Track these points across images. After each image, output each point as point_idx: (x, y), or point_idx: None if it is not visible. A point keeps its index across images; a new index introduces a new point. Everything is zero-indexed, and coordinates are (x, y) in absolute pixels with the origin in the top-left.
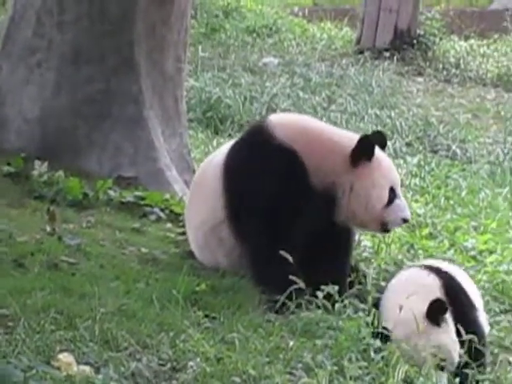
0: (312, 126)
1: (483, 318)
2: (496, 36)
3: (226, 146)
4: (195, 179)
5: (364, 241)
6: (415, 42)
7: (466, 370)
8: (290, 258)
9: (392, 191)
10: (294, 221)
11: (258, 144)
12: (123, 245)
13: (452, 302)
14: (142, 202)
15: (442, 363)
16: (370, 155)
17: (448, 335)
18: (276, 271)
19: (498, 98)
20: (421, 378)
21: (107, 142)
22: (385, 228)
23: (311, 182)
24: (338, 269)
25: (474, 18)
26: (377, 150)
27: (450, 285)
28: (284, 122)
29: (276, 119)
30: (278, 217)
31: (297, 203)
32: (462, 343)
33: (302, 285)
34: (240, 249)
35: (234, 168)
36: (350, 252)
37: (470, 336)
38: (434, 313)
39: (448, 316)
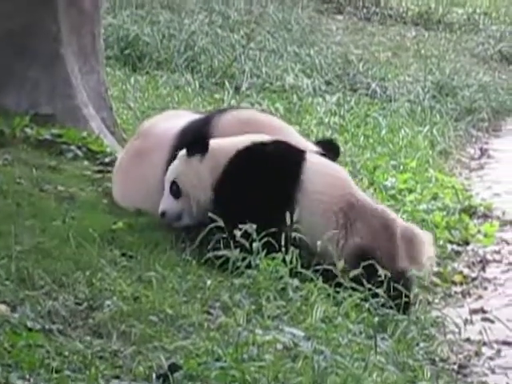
0: None
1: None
2: None
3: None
4: (136, 144)
5: None
6: None
7: (386, 310)
8: None
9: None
10: None
11: None
12: (40, 183)
13: None
14: (59, 140)
15: None
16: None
17: None
18: None
19: (419, 36)
20: (339, 317)
21: (24, 80)
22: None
23: None
24: None
25: None
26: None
27: None
28: None
29: None
30: None
31: None
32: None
33: (220, 223)
34: None
35: None
36: None
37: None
38: None
39: None
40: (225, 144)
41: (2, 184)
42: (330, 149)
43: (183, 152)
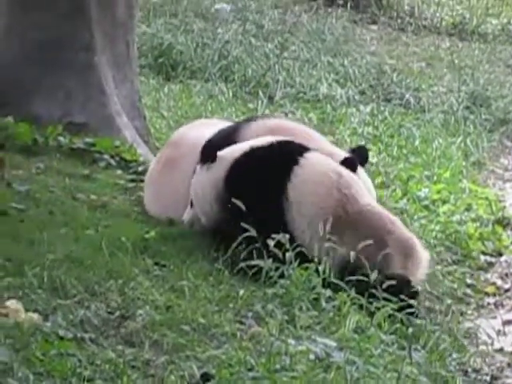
0: None
1: None
2: None
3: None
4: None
5: None
6: None
7: (418, 321)
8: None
9: None
10: None
11: None
12: (73, 191)
13: None
14: (92, 149)
15: None
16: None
17: None
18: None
19: (453, 46)
20: (372, 328)
21: (58, 88)
22: None
23: None
24: None
25: None
26: None
27: None
28: None
29: None
30: None
31: None
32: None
33: (253, 233)
34: None
35: None
36: None
37: None
38: None
39: None
40: (227, 153)
41: (35, 192)
42: (358, 154)
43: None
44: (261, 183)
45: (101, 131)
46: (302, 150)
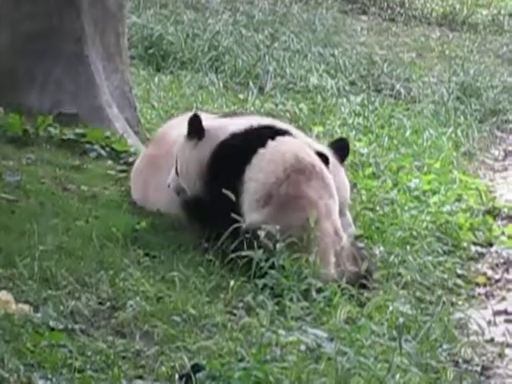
0: None
1: None
2: None
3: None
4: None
5: None
6: None
7: (409, 312)
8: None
9: None
10: None
11: None
12: (63, 182)
13: None
14: (83, 139)
15: None
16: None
17: None
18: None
19: (443, 37)
20: (363, 319)
21: (48, 79)
22: None
23: None
24: None
25: None
26: None
27: None
28: None
29: None
30: None
31: None
32: None
33: (243, 223)
34: None
35: None
36: None
37: None
38: None
39: None
40: (213, 133)
41: (26, 183)
42: (338, 148)
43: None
44: (232, 167)
45: (91, 122)
46: (277, 133)
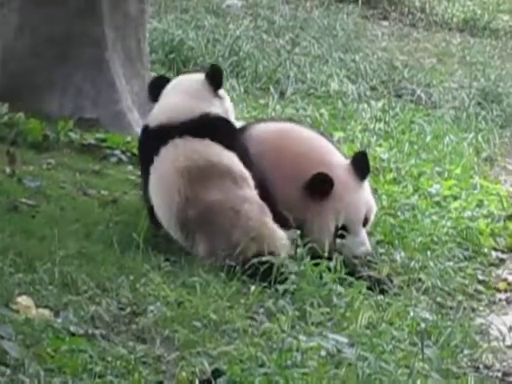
0: None
1: None
2: None
3: None
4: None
5: None
6: None
7: (430, 317)
8: None
9: None
10: None
11: None
12: (84, 187)
13: None
14: (103, 144)
15: None
16: None
17: None
18: None
19: (464, 42)
20: (383, 324)
21: (69, 84)
22: None
23: None
24: None
25: None
26: None
27: None
28: None
29: None
30: None
31: None
32: None
33: None
34: None
35: None
36: None
37: None
38: None
39: None
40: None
41: (46, 188)
42: (358, 164)
43: None
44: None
45: (112, 127)
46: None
